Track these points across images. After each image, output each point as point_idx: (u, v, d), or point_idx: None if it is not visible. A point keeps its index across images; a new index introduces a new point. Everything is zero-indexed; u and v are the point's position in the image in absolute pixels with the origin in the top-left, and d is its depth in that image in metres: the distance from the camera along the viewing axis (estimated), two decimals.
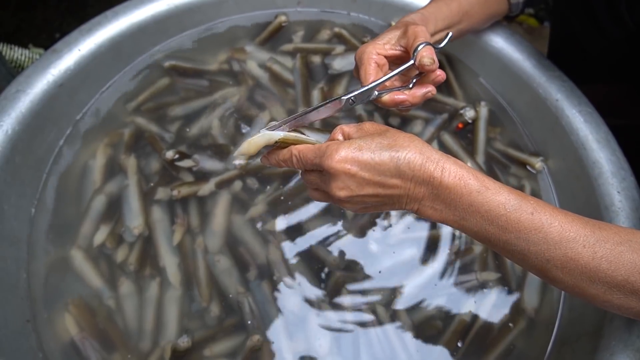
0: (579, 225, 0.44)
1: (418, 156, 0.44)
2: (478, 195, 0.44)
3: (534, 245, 0.44)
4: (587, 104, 0.73)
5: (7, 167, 0.67)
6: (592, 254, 0.43)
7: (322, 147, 0.46)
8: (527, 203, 0.44)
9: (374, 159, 0.44)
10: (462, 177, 0.44)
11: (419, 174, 0.44)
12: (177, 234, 0.71)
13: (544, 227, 0.43)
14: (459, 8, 0.68)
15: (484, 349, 0.65)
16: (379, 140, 0.45)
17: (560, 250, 0.43)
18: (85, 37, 0.77)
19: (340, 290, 0.68)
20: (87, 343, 0.65)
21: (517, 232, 0.44)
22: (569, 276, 0.44)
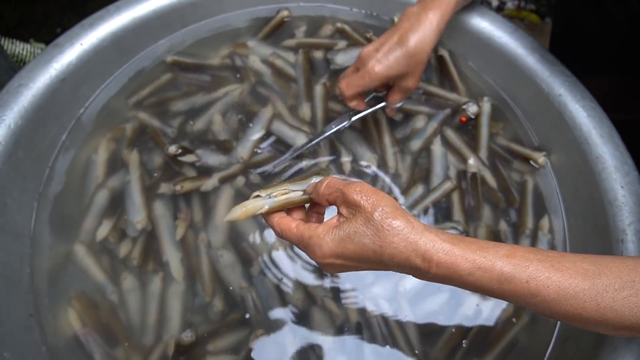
0: (578, 280, 0.43)
1: (402, 250, 0.44)
2: (469, 277, 0.44)
3: (533, 306, 0.44)
4: (590, 98, 0.73)
5: (10, 161, 0.67)
6: (595, 306, 0.43)
7: (304, 238, 0.48)
8: (521, 271, 0.43)
9: (356, 253, 0.45)
10: (452, 266, 0.43)
11: (404, 264, 0.45)
12: (180, 229, 0.71)
13: (541, 291, 0.43)
14: None
15: (487, 344, 0.66)
16: (363, 231, 0.45)
17: (562, 307, 0.43)
18: (87, 32, 0.77)
19: (344, 285, 0.68)
20: (90, 338, 0.65)
21: (515, 298, 0.44)
22: (577, 323, 0.45)
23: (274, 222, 0.51)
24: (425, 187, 0.76)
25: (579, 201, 0.71)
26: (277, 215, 0.52)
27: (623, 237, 0.62)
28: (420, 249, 0.44)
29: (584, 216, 0.70)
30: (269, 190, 0.51)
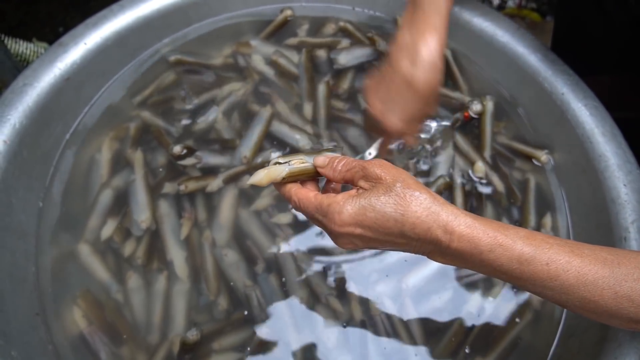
0: (598, 266, 0.43)
1: (424, 220, 0.43)
2: (489, 254, 0.43)
3: (550, 290, 0.43)
4: (592, 97, 0.73)
5: (15, 160, 0.67)
6: (613, 294, 0.42)
7: (323, 205, 0.46)
8: (542, 252, 0.43)
9: (377, 222, 0.44)
10: (472, 239, 0.43)
11: (425, 237, 0.43)
12: (184, 228, 0.71)
13: (560, 275, 0.42)
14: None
15: (490, 342, 0.66)
16: (384, 200, 0.43)
17: (579, 293, 0.43)
18: (91, 31, 0.77)
19: (347, 284, 0.68)
20: (96, 336, 0.65)
21: (533, 281, 0.43)
22: (590, 312, 0.44)
23: (292, 192, 0.49)
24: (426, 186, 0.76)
25: (581, 199, 0.72)
26: (294, 186, 0.50)
27: (626, 234, 0.63)
28: (442, 219, 0.43)
29: (587, 214, 0.70)
30: (286, 159, 0.51)
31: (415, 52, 0.60)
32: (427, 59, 0.60)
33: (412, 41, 0.61)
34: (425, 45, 0.60)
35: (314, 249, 0.71)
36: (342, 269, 0.69)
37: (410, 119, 0.64)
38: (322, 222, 0.46)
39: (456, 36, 0.86)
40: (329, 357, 0.64)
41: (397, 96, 0.62)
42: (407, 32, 0.63)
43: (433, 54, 0.60)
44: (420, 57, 0.60)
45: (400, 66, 0.61)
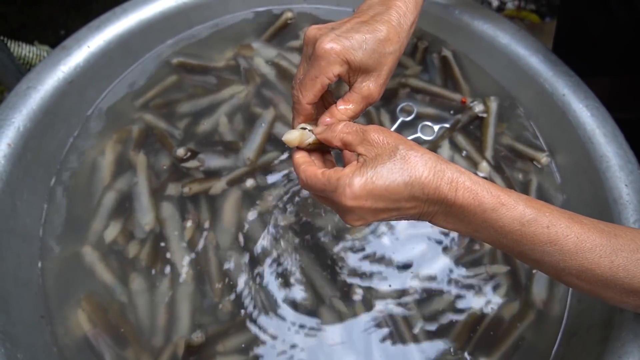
0: (596, 234, 0.44)
1: (432, 178, 0.43)
2: (492, 213, 0.43)
3: (549, 256, 0.44)
4: (593, 98, 0.74)
5: (20, 163, 0.67)
6: (609, 263, 0.43)
7: (332, 180, 0.45)
8: (542, 216, 0.43)
9: (388, 189, 0.43)
10: (476, 196, 0.43)
11: (433, 196, 0.43)
12: (188, 230, 0.72)
13: (560, 239, 0.43)
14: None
15: (494, 342, 0.66)
16: (390, 166, 0.43)
17: (577, 260, 0.43)
18: (94, 34, 0.77)
19: (351, 284, 0.69)
20: (100, 338, 0.65)
21: (532, 245, 0.44)
22: (585, 283, 0.45)
23: (301, 169, 0.48)
24: None
25: (583, 200, 0.72)
26: (304, 162, 0.49)
27: None
28: (448, 177, 0.43)
29: (589, 215, 0.68)
30: (308, 127, 0.51)
31: (384, 6, 0.53)
32: (397, 11, 0.53)
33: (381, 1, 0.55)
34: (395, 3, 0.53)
35: (317, 250, 0.71)
36: (345, 270, 0.69)
37: (358, 62, 0.50)
38: (331, 198, 0.45)
39: (457, 38, 0.87)
40: (333, 357, 0.64)
41: (351, 30, 0.51)
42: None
43: (408, 7, 0.54)
44: (389, 8, 0.53)
45: (361, 13, 0.54)
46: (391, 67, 0.53)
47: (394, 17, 0.52)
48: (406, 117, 0.82)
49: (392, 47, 0.52)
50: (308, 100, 0.51)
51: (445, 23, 0.87)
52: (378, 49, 0.50)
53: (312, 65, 0.50)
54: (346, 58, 0.49)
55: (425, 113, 0.83)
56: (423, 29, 0.90)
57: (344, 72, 0.50)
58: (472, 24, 0.84)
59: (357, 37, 0.50)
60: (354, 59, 0.49)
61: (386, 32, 0.51)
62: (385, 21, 0.52)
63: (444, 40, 0.89)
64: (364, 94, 0.52)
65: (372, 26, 0.51)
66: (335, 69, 0.49)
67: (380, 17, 0.52)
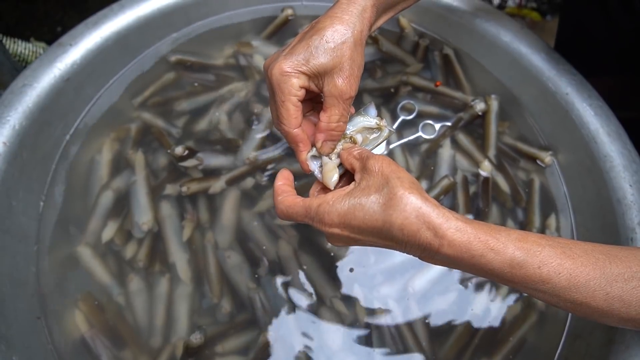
0: (589, 268, 0.43)
1: (414, 222, 0.42)
2: (481, 259, 0.42)
3: (542, 293, 0.44)
4: (597, 97, 0.73)
5: (15, 162, 0.66)
6: (604, 295, 0.43)
7: (312, 207, 0.46)
8: (533, 256, 0.42)
9: (366, 223, 0.43)
10: (463, 244, 0.42)
11: (413, 240, 0.43)
12: (186, 230, 0.71)
13: (552, 278, 0.42)
14: None
15: (495, 344, 0.65)
16: (374, 199, 0.43)
17: (570, 295, 0.43)
18: (91, 31, 0.76)
19: (352, 285, 0.68)
20: (98, 340, 0.64)
21: (524, 284, 0.43)
22: (581, 313, 0.45)
23: (277, 200, 0.49)
24: (429, 185, 0.76)
25: (586, 200, 0.71)
26: (281, 194, 0.49)
27: (632, 235, 0.62)
28: (432, 222, 0.42)
29: (592, 215, 0.70)
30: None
31: (332, 11, 0.52)
32: (342, 12, 0.51)
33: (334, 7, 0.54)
34: (346, 6, 0.52)
35: (317, 251, 0.70)
36: (346, 271, 0.69)
37: (312, 69, 0.50)
38: (312, 223, 0.47)
39: (459, 35, 0.86)
40: (334, 359, 0.63)
41: (296, 45, 0.51)
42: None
43: (357, 9, 0.52)
44: (336, 11, 0.52)
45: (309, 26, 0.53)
46: (351, 55, 0.50)
47: (337, 8, 0.52)
48: (407, 115, 0.81)
49: (341, 37, 0.50)
50: (293, 126, 0.51)
51: (447, 21, 0.86)
52: (327, 45, 0.49)
53: (275, 94, 0.50)
54: (298, 70, 0.49)
55: (427, 111, 0.82)
56: (424, 27, 0.89)
57: (306, 84, 0.50)
58: (474, 21, 0.83)
59: (300, 46, 0.49)
60: (308, 69, 0.49)
61: (330, 24, 0.50)
62: (327, 17, 0.51)
63: (445, 38, 0.88)
64: (335, 94, 0.50)
65: (314, 29, 0.51)
66: (294, 83, 0.49)
67: (324, 16, 0.52)
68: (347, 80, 0.50)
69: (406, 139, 0.79)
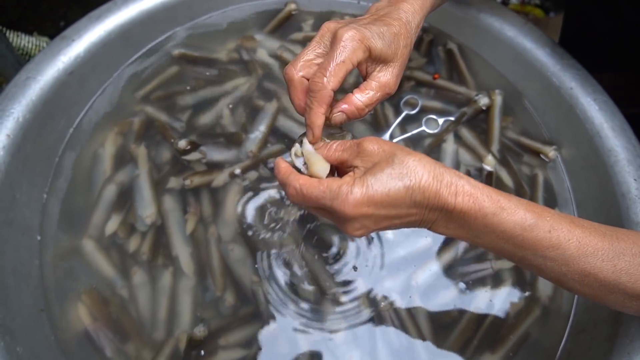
0: (597, 238, 0.43)
1: (432, 182, 0.43)
2: (493, 218, 0.43)
3: (551, 261, 0.43)
4: (601, 92, 0.73)
5: (19, 155, 0.66)
6: (612, 267, 0.43)
7: (332, 188, 0.43)
8: (544, 220, 0.43)
9: (390, 195, 0.42)
10: (477, 200, 0.43)
11: (434, 201, 0.43)
12: (190, 223, 0.71)
13: (562, 244, 0.43)
14: None
15: (499, 338, 0.65)
16: (389, 172, 0.43)
17: (579, 265, 0.43)
18: (94, 24, 0.76)
19: (355, 279, 0.68)
20: (101, 333, 0.64)
21: (534, 250, 0.43)
22: (588, 288, 0.44)
23: (290, 178, 0.46)
24: None
25: (590, 194, 0.71)
26: (292, 173, 0.47)
27: (637, 230, 0.62)
28: (447, 181, 0.43)
29: (596, 209, 0.70)
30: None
31: (393, 6, 0.56)
32: (405, 9, 0.56)
33: (390, 2, 0.58)
34: (404, 3, 0.56)
35: (321, 244, 0.70)
36: (349, 264, 0.69)
37: (378, 51, 0.51)
38: (331, 207, 0.44)
39: (463, 30, 0.86)
40: (337, 352, 0.63)
41: (368, 23, 0.52)
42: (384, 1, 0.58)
43: (415, 6, 0.57)
44: (398, 8, 0.56)
45: (371, 13, 0.56)
46: (405, 61, 0.54)
47: (403, 15, 0.55)
48: (410, 110, 0.81)
49: (404, 41, 0.53)
50: (334, 86, 0.49)
51: (451, 16, 0.86)
52: (394, 40, 0.52)
53: (337, 51, 0.49)
54: (368, 45, 0.50)
55: (430, 106, 0.82)
56: (428, 21, 0.89)
57: (363, 61, 0.51)
58: (478, 16, 0.83)
59: (375, 28, 0.51)
60: (375, 46, 0.50)
61: (398, 27, 0.53)
62: (396, 18, 0.54)
63: (449, 33, 0.88)
64: (382, 83, 0.52)
65: (385, 21, 0.53)
66: (359, 54, 0.49)
67: (391, 14, 0.54)
68: (395, 77, 0.53)
69: (409, 133, 0.78)
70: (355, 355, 0.63)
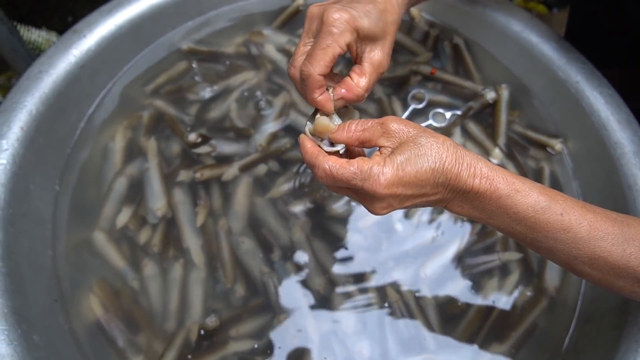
0: (608, 223, 0.44)
1: (454, 164, 0.44)
2: (507, 199, 0.44)
3: (562, 244, 0.44)
4: (607, 85, 0.73)
5: (32, 147, 0.67)
6: (622, 251, 0.44)
7: (364, 169, 0.43)
8: (556, 203, 0.44)
9: (417, 177, 0.44)
10: (492, 182, 0.44)
11: (454, 182, 0.44)
12: (200, 216, 0.71)
13: (573, 227, 0.44)
14: None
15: (506, 328, 0.66)
16: (417, 152, 0.44)
17: (589, 248, 0.44)
18: (105, 18, 0.76)
19: (365, 270, 0.69)
20: (113, 323, 0.65)
21: (546, 232, 0.44)
22: (597, 271, 0.45)
23: (320, 159, 0.45)
24: None
25: (596, 187, 0.72)
26: (320, 153, 0.46)
27: None
28: (466, 163, 0.44)
29: (602, 202, 0.70)
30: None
31: None
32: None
33: None
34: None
35: (330, 236, 0.71)
36: (359, 256, 0.69)
37: (366, 30, 0.50)
38: (361, 187, 0.44)
39: (469, 25, 0.86)
40: (347, 342, 0.64)
41: (351, 2, 0.51)
42: None
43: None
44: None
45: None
46: (393, 37, 0.53)
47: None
48: (417, 104, 0.82)
49: (391, 17, 0.52)
50: (320, 71, 0.48)
51: (457, 11, 0.86)
52: (381, 17, 0.51)
53: (322, 36, 0.48)
54: (355, 25, 0.49)
55: (437, 100, 0.83)
56: (435, 17, 0.90)
57: (352, 42, 0.50)
58: (484, 11, 0.83)
59: (360, 7, 0.50)
60: (363, 25, 0.49)
61: (383, 3, 0.52)
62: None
63: (455, 28, 0.88)
64: (375, 63, 0.51)
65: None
66: (346, 36, 0.48)
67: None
68: (387, 55, 0.52)
69: None
70: (365, 345, 0.64)
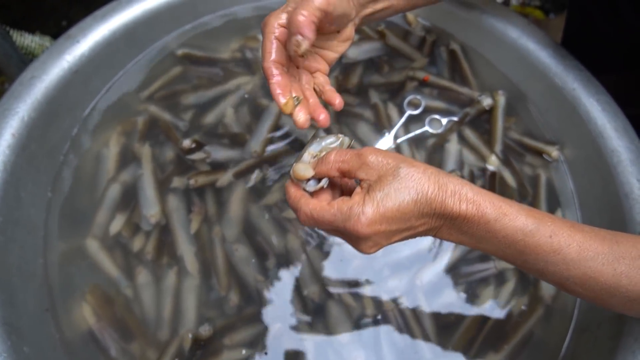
0: (597, 243, 0.44)
1: (438, 193, 0.43)
2: (495, 224, 0.43)
3: (553, 266, 0.44)
4: (604, 92, 0.73)
5: (24, 154, 0.66)
6: (612, 270, 0.43)
7: (343, 210, 0.43)
8: (545, 225, 0.43)
9: (400, 210, 0.43)
10: (479, 207, 0.43)
11: (440, 210, 0.43)
12: (194, 223, 0.71)
13: (563, 249, 0.43)
14: None
15: (503, 337, 0.66)
16: (397, 186, 0.43)
17: (580, 269, 0.44)
18: (99, 23, 0.76)
19: (360, 279, 0.68)
20: (106, 332, 0.64)
21: (536, 255, 0.44)
22: (589, 291, 0.45)
23: (301, 203, 0.46)
24: None
25: (593, 195, 0.72)
26: (303, 197, 0.47)
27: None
28: (450, 189, 0.43)
29: (599, 210, 0.70)
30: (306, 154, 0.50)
31: None
32: None
33: None
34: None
35: (325, 244, 0.70)
36: (354, 264, 0.69)
37: (338, 8, 0.52)
38: (344, 228, 0.44)
39: (466, 31, 0.86)
40: (342, 352, 0.63)
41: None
42: None
43: None
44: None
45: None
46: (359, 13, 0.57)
47: None
48: (414, 110, 0.82)
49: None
50: (266, 60, 0.52)
51: (454, 16, 0.86)
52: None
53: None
54: (278, 12, 0.53)
55: (433, 106, 0.82)
56: (431, 22, 0.90)
57: (283, 22, 0.52)
58: (481, 17, 0.83)
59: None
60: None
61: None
62: None
63: (452, 34, 0.88)
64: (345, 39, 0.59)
65: None
66: (272, 22, 0.52)
67: None
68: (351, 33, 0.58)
69: (413, 133, 0.79)
70: (360, 355, 0.63)
